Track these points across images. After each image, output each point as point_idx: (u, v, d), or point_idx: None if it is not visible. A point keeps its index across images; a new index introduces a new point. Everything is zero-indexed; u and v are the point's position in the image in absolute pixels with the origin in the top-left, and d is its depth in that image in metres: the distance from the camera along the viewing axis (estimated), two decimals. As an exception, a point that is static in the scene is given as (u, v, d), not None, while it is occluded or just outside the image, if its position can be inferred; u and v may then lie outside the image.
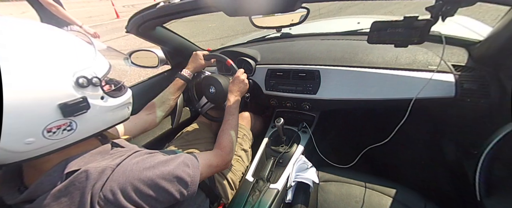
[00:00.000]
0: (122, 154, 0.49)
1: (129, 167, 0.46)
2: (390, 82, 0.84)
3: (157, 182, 0.47)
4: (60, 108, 0.37)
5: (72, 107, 0.39)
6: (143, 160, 0.49)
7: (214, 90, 0.98)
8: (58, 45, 0.41)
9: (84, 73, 0.41)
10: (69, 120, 0.40)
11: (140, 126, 0.79)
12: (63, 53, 0.40)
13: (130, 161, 0.47)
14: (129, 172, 0.45)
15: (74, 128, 0.41)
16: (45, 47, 0.39)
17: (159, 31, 1.03)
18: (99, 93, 0.45)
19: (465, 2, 0.46)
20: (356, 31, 1.18)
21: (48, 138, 0.38)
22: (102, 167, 0.43)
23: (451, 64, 0.78)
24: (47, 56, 0.38)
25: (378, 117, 1.23)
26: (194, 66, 0.97)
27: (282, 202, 0.78)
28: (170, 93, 0.90)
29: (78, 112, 0.40)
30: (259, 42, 1.33)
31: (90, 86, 0.42)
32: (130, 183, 0.44)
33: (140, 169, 0.46)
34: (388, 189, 0.72)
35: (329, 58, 0.98)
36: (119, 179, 0.44)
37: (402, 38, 0.57)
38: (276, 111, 1.20)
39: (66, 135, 0.40)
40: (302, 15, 1.04)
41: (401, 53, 0.87)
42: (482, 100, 0.72)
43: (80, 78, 0.40)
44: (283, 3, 0.58)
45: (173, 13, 0.78)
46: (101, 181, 0.42)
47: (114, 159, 0.47)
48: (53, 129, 0.38)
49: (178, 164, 0.52)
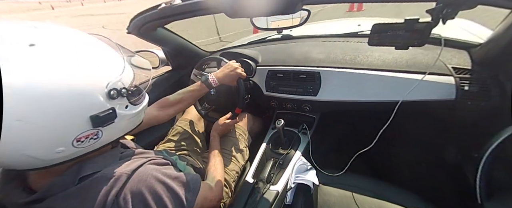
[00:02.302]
0: (136, 160, 0.50)
1: (144, 177, 0.46)
2: (391, 84, 0.83)
3: (161, 197, 0.47)
4: (91, 119, 0.38)
5: (102, 119, 0.39)
6: (158, 171, 0.49)
7: (214, 92, 0.98)
8: (95, 55, 0.41)
9: (116, 85, 0.41)
10: (97, 130, 0.40)
11: (148, 121, 0.74)
12: (99, 64, 0.40)
13: (145, 170, 0.47)
14: (143, 182, 0.45)
15: (100, 137, 0.42)
16: (84, 56, 0.39)
17: (160, 32, 1.03)
18: (124, 102, 0.45)
19: (466, 5, 0.46)
20: (357, 33, 1.18)
21: (76, 147, 0.39)
22: (118, 174, 0.43)
23: (451, 67, 0.78)
24: (86, 66, 0.38)
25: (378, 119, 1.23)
26: (225, 74, 0.87)
27: (282, 204, 0.78)
28: (188, 93, 0.84)
29: (107, 123, 0.41)
30: (260, 44, 1.34)
31: (119, 97, 0.42)
32: (142, 192, 0.44)
33: (155, 181, 0.47)
34: (389, 192, 0.71)
35: (330, 60, 0.98)
36: (133, 187, 0.44)
37: (402, 40, 0.57)
38: (276, 113, 1.20)
39: (91, 143, 0.41)
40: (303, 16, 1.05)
41: (402, 55, 0.87)
42: (483, 102, 0.72)
43: (111, 91, 0.40)
44: (284, 5, 0.58)
45: (174, 14, 0.78)
46: (116, 188, 0.42)
47: (128, 164, 0.47)
48: (82, 138, 0.39)
49: (187, 186, 0.53)
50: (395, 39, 0.58)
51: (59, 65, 0.35)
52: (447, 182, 0.97)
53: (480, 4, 0.46)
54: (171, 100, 0.81)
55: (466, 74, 0.75)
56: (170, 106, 0.81)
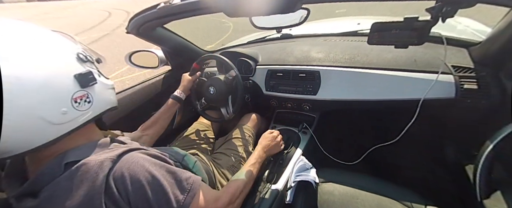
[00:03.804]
0: (125, 147, 0.49)
1: (127, 164, 0.45)
2: (390, 83, 0.83)
3: (143, 188, 0.45)
4: (76, 78, 0.43)
5: (84, 77, 0.45)
6: (146, 160, 0.48)
7: (214, 90, 0.98)
8: (51, 35, 0.46)
9: (80, 51, 0.48)
10: (86, 92, 0.45)
11: (137, 140, 0.76)
12: (60, 38, 0.47)
13: (131, 158, 0.46)
14: (126, 168, 0.44)
15: (91, 100, 0.46)
16: (45, 37, 0.45)
17: (160, 31, 1.03)
18: (95, 68, 0.51)
19: (465, 3, 0.46)
20: (356, 32, 1.19)
21: (76, 108, 0.43)
22: (101, 159, 0.43)
23: (451, 65, 0.78)
24: (50, 42, 0.44)
25: (378, 117, 1.23)
26: (184, 86, 0.99)
27: (282, 203, 0.78)
28: (161, 112, 0.91)
29: (90, 82, 0.46)
30: (259, 43, 1.33)
31: (88, 62, 0.49)
32: (124, 178, 0.43)
33: (139, 169, 0.45)
34: (389, 190, 0.71)
35: (329, 59, 0.98)
36: (116, 172, 0.43)
37: (402, 39, 0.58)
38: (276, 112, 1.20)
39: (87, 107, 0.46)
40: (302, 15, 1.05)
41: (401, 54, 0.87)
42: (483, 101, 0.72)
43: (79, 54, 0.47)
44: (283, 4, 0.58)
45: (174, 14, 0.78)
46: (102, 173, 0.42)
47: (113, 151, 0.46)
48: (77, 99, 0.44)
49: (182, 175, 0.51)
50: (394, 37, 0.58)
51: (28, 43, 0.41)
52: (447, 180, 0.97)
53: (479, 3, 0.46)
54: (148, 123, 0.89)
55: (466, 73, 0.75)
56: (148, 128, 0.88)
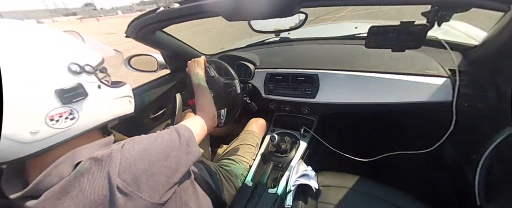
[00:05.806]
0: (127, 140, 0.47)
1: (135, 145, 0.43)
2: (388, 86, 0.84)
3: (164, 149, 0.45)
4: (57, 94, 0.38)
5: (68, 93, 0.39)
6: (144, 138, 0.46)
7: (213, 93, 0.98)
8: (47, 38, 0.41)
9: (76, 61, 0.42)
10: (69, 108, 0.40)
11: None
12: (53, 44, 0.41)
13: (133, 139, 0.45)
14: (136, 149, 0.42)
15: (76, 117, 0.41)
16: (35, 40, 0.39)
17: (159, 35, 1.03)
18: (95, 81, 0.45)
19: (460, 8, 0.47)
20: (354, 36, 1.20)
21: (52, 127, 0.38)
22: (108, 152, 0.41)
23: (448, 69, 0.79)
24: (36, 51, 0.38)
25: (377, 120, 1.23)
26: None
27: (282, 207, 0.78)
28: None
29: (76, 99, 0.40)
30: (258, 46, 1.34)
31: (84, 74, 0.43)
32: (140, 157, 0.42)
33: (144, 145, 0.44)
34: (388, 194, 0.71)
35: (328, 62, 0.98)
36: (129, 157, 0.41)
37: (399, 42, 0.58)
38: (275, 115, 1.20)
39: (70, 124, 0.40)
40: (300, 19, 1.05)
41: (399, 57, 0.88)
42: (480, 104, 0.72)
43: (72, 65, 0.41)
44: (281, 7, 0.58)
45: (173, 17, 0.78)
46: (114, 165, 0.39)
47: (119, 143, 0.44)
48: (55, 117, 0.38)
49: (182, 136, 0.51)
50: (391, 41, 0.59)
51: (11, 47, 0.35)
52: (446, 184, 0.97)
53: (474, 7, 0.47)
54: None
55: (462, 76, 0.76)
56: None
